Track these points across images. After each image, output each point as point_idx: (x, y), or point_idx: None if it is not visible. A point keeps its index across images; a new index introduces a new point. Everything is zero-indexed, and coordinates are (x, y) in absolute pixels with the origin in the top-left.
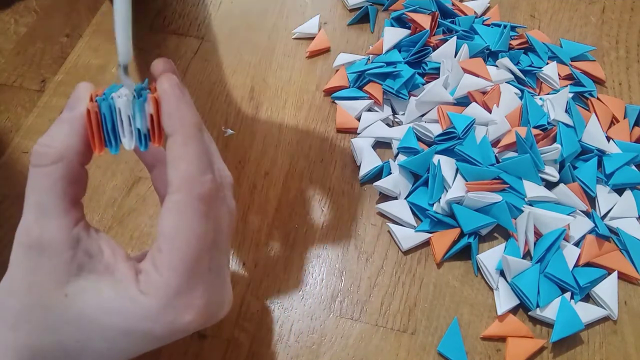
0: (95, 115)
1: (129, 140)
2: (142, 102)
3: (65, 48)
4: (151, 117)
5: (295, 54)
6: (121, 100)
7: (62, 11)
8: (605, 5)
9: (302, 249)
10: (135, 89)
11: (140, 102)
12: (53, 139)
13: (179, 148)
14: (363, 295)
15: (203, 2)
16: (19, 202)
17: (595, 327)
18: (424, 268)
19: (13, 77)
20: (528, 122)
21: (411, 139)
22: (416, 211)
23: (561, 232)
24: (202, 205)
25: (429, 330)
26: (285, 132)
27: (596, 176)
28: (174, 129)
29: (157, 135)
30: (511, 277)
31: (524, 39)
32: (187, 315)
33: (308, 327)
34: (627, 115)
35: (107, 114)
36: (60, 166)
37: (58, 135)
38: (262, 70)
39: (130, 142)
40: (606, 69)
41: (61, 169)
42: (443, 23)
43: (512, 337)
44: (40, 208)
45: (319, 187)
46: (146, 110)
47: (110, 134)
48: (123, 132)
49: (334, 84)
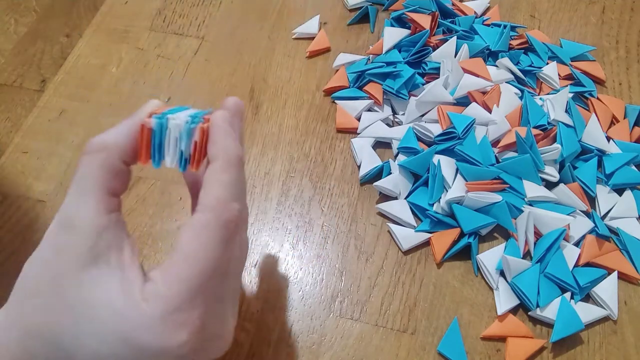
0: (148, 130)
1: (171, 159)
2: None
3: (65, 48)
4: (195, 143)
5: (295, 54)
6: (173, 123)
7: (62, 11)
8: (605, 5)
9: (302, 249)
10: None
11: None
12: (105, 135)
13: (216, 173)
14: (363, 295)
15: (203, 2)
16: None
17: (595, 327)
18: (424, 268)
19: (13, 77)
20: (528, 122)
21: (411, 139)
22: (416, 211)
23: (561, 232)
24: (225, 231)
25: (429, 330)
26: (285, 132)
27: (596, 176)
28: (217, 155)
29: (196, 161)
30: (511, 277)
31: (524, 39)
32: (182, 334)
33: (308, 327)
34: (627, 115)
35: (157, 132)
36: (102, 155)
37: (110, 133)
38: (262, 70)
39: (172, 161)
40: (606, 69)
41: (103, 158)
42: (443, 23)
43: (512, 337)
44: (80, 190)
45: (319, 187)
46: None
47: (157, 149)
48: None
49: (334, 84)
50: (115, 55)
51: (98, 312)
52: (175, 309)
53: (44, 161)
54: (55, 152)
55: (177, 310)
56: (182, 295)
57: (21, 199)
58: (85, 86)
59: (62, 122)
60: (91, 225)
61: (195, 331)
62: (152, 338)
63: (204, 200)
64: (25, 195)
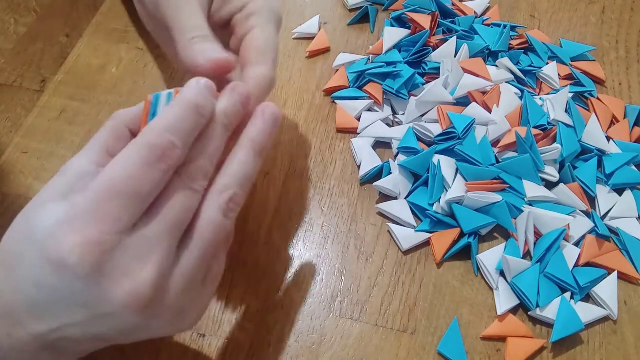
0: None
1: None
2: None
3: (65, 48)
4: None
5: (295, 54)
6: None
7: (62, 11)
8: (605, 5)
9: (302, 249)
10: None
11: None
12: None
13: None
14: (363, 295)
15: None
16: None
17: (595, 327)
18: (424, 268)
19: (13, 77)
20: (528, 122)
21: (411, 139)
22: (416, 211)
23: (561, 232)
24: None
25: (429, 330)
26: (285, 132)
27: (596, 176)
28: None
29: None
30: (511, 277)
31: (524, 39)
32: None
33: (308, 327)
34: (627, 115)
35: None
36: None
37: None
38: None
39: None
40: (606, 69)
41: (110, 124)
42: (443, 23)
43: (512, 337)
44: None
45: (319, 187)
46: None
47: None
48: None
49: (334, 84)
50: (115, 55)
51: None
52: (77, 215)
53: (44, 161)
54: (55, 152)
55: (78, 216)
56: (87, 202)
57: (21, 199)
58: (85, 86)
59: (62, 122)
60: (76, 170)
61: (92, 244)
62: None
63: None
64: (25, 195)
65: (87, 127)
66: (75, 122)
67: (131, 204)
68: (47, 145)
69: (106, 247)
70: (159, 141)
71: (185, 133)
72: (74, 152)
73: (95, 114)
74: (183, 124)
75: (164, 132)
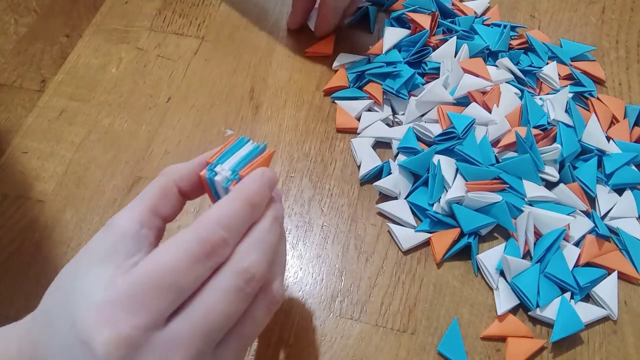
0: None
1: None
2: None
3: (65, 48)
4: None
5: (295, 54)
6: (216, 180)
7: (62, 11)
8: (605, 5)
9: (302, 249)
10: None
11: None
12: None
13: (220, 201)
14: (363, 295)
15: (203, 2)
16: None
17: (595, 327)
18: (424, 268)
19: (13, 77)
20: (528, 122)
21: (411, 139)
22: (416, 211)
23: (561, 232)
24: (196, 247)
25: (429, 330)
26: (285, 132)
27: (596, 176)
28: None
29: None
30: (511, 277)
31: (524, 39)
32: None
33: (308, 327)
34: (627, 115)
35: (209, 183)
36: (160, 178)
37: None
38: (262, 70)
39: None
40: (606, 69)
41: (159, 180)
42: (443, 23)
43: (512, 337)
44: (133, 202)
45: (319, 187)
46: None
47: (214, 193)
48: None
49: (334, 84)
50: (115, 55)
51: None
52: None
53: (44, 161)
54: (55, 152)
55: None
56: (126, 290)
57: (21, 199)
58: (85, 86)
59: (62, 122)
60: (121, 229)
61: (122, 340)
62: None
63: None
64: (25, 195)
65: (87, 127)
66: (75, 122)
67: (170, 297)
68: (47, 145)
69: (136, 344)
70: (210, 236)
71: (236, 230)
72: (73, 152)
73: (95, 114)
74: (237, 220)
75: (217, 227)
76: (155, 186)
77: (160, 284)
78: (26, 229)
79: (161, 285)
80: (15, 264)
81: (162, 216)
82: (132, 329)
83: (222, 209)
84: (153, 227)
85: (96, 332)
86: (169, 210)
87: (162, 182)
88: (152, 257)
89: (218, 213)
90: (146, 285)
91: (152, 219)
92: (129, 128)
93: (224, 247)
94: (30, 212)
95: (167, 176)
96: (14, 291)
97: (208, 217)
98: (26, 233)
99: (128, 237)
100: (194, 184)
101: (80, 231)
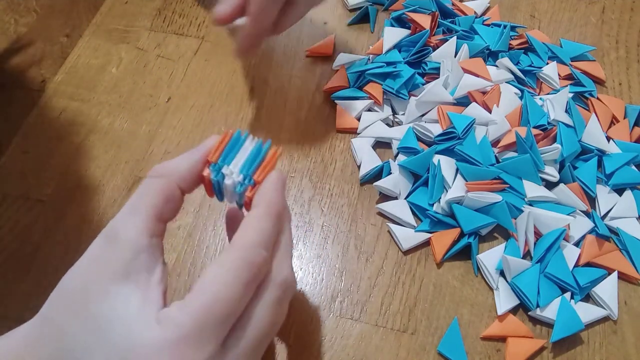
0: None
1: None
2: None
3: (65, 48)
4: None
5: (295, 54)
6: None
7: (62, 11)
8: (605, 5)
9: (302, 249)
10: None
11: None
12: (168, 162)
13: (253, 219)
14: (363, 295)
15: (203, 2)
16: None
17: (595, 327)
18: (424, 268)
19: (13, 77)
20: (528, 122)
21: (411, 139)
22: (416, 211)
23: (561, 232)
24: (247, 273)
25: (429, 330)
26: (285, 132)
27: (596, 176)
28: (259, 203)
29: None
30: (511, 277)
31: (524, 39)
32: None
33: (308, 327)
34: (627, 115)
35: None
36: (161, 181)
37: (173, 161)
38: (262, 70)
39: (231, 202)
40: (606, 69)
41: (161, 183)
42: (443, 23)
43: (512, 337)
44: (132, 209)
45: (319, 187)
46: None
47: (217, 192)
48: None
49: (334, 84)
50: (115, 55)
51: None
52: (184, 338)
53: (44, 161)
54: (55, 152)
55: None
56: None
57: (21, 199)
58: (85, 86)
59: (62, 122)
60: (132, 244)
61: None
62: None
63: (236, 241)
64: (25, 195)
65: (87, 127)
66: (75, 122)
67: (227, 325)
68: (47, 145)
69: None
70: (257, 260)
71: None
72: (73, 152)
73: (95, 114)
74: (273, 237)
75: (259, 249)
76: (158, 190)
77: (220, 316)
78: (26, 229)
79: (222, 316)
80: (15, 264)
81: (165, 220)
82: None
83: (258, 228)
84: (161, 234)
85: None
86: (172, 213)
87: (165, 186)
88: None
89: (257, 235)
90: (208, 319)
91: (159, 226)
92: (129, 128)
93: (266, 266)
94: (30, 212)
95: (168, 178)
96: (14, 291)
97: (248, 238)
98: (26, 233)
99: (142, 252)
100: (193, 183)
101: (80, 231)
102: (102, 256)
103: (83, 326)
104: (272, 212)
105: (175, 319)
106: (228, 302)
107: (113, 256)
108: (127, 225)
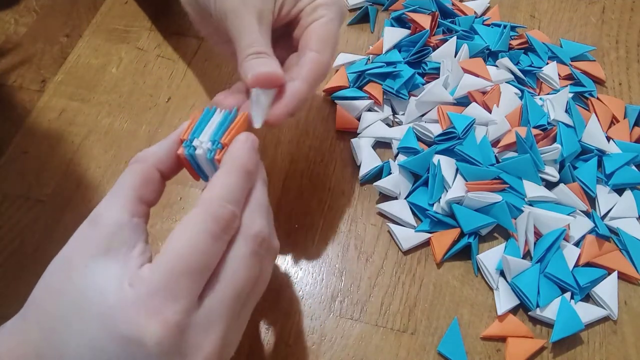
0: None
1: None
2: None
3: (65, 48)
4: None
5: None
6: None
7: (62, 11)
8: (605, 5)
9: (302, 249)
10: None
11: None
12: (146, 149)
13: (218, 176)
14: (363, 295)
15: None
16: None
17: (595, 327)
18: (424, 268)
19: (13, 77)
20: (528, 122)
21: (411, 139)
22: (416, 211)
23: (561, 232)
24: (213, 225)
25: (429, 330)
26: (285, 132)
27: (596, 176)
28: (225, 161)
29: None
30: (511, 277)
31: (524, 39)
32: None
33: (308, 327)
34: (627, 115)
35: (190, 160)
36: (140, 165)
37: (150, 148)
38: None
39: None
40: (606, 69)
41: (140, 167)
42: (443, 23)
43: (512, 337)
44: (114, 192)
45: (319, 187)
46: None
47: (198, 169)
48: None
49: (334, 84)
50: (115, 55)
51: (89, 295)
52: (155, 293)
53: (44, 161)
54: (55, 152)
55: (156, 294)
56: (160, 279)
57: (21, 199)
58: (85, 86)
59: (62, 122)
60: (112, 221)
61: (171, 326)
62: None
63: (201, 198)
64: (25, 195)
65: (87, 127)
66: (75, 122)
67: (200, 278)
68: (47, 145)
69: (182, 327)
70: (223, 213)
71: (240, 201)
72: (73, 152)
73: (95, 114)
74: (240, 192)
75: (226, 203)
76: (137, 174)
77: (190, 267)
78: (26, 229)
79: (191, 268)
80: (15, 264)
81: (147, 202)
82: (176, 314)
83: (224, 183)
84: (142, 215)
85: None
86: (153, 195)
87: (143, 169)
88: (173, 242)
89: (222, 189)
90: (178, 271)
91: (140, 207)
92: (129, 128)
93: (234, 220)
94: (30, 212)
95: (146, 162)
96: (14, 291)
97: (214, 194)
98: (26, 233)
99: (123, 229)
100: (173, 165)
101: None
102: (83, 235)
103: (62, 301)
104: (238, 167)
105: (145, 278)
106: (196, 255)
107: (94, 234)
108: (108, 206)
